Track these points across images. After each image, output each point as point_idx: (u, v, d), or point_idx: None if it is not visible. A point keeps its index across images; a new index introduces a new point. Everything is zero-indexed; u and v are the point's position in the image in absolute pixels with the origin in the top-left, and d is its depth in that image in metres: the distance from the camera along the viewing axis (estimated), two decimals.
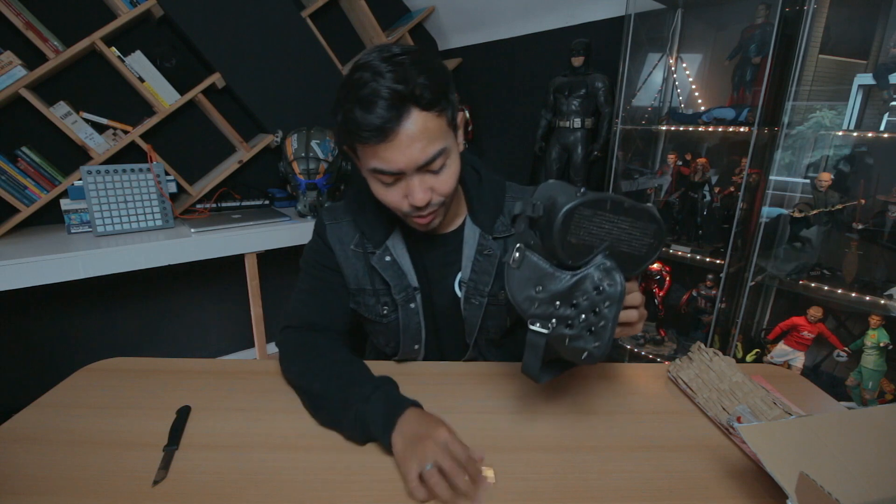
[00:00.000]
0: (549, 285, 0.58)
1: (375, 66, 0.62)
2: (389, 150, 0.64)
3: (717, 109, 1.57)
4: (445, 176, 0.69)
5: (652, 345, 1.87)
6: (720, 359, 0.78)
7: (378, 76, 0.62)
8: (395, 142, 0.63)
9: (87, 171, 1.63)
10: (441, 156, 0.67)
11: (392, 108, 0.61)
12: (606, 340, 0.57)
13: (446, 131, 0.67)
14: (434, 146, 0.65)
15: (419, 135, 0.64)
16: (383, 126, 0.62)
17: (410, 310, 0.83)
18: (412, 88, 0.61)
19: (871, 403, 1.35)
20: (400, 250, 0.82)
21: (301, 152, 1.87)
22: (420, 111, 0.63)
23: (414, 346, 0.87)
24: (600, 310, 0.57)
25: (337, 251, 0.83)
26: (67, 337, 1.98)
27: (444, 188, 0.70)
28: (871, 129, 1.33)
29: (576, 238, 0.56)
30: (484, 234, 0.82)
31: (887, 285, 1.33)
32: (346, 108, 0.64)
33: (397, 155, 0.64)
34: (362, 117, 0.62)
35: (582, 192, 0.55)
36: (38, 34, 1.63)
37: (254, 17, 1.94)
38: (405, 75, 0.61)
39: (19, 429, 0.67)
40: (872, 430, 0.55)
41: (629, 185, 1.89)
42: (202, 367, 0.86)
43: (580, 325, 0.57)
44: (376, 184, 0.70)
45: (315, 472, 0.60)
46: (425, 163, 0.66)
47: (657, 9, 1.70)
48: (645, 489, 0.58)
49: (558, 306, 0.58)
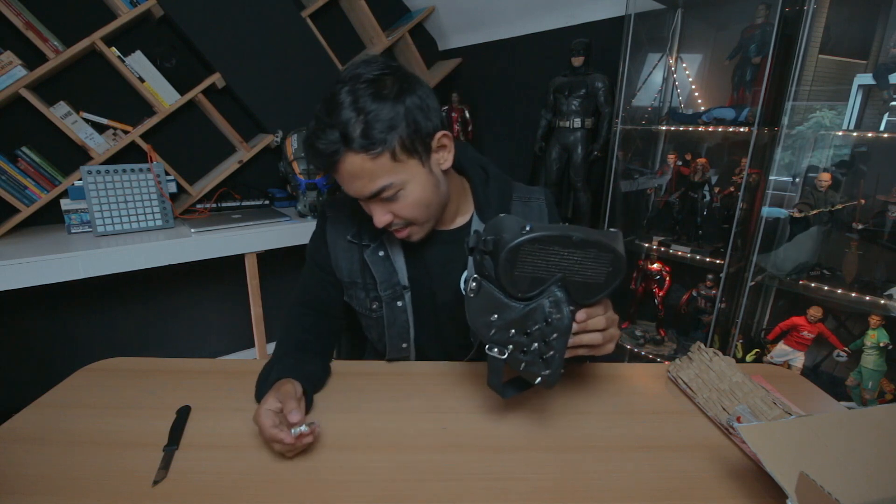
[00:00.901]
0: (503, 314, 0.61)
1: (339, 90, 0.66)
2: (341, 179, 0.70)
3: (717, 109, 1.57)
4: (403, 203, 0.72)
5: (652, 345, 1.87)
6: (720, 359, 0.78)
7: (331, 111, 0.66)
8: (339, 175, 0.69)
9: (87, 171, 1.63)
10: (387, 189, 0.69)
11: (328, 150, 0.66)
12: (555, 370, 0.60)
13: (392, 167, 0.68)
14: (375, 184, 0.68)
15: (357, 173, 0.68)
16: (324, 162, 0.68)
17: (397, 308, 0.83)
18: (350, 130, 0.65)
19: (871, 403, 1.35)
20: (395, 247, 0.82)
21: (301, 152, 1.87)
22: (354, 154, 0.66)
23: (402, 345, 0.87)
24: (549, 340, 0.60)
25: (332, 245, 0.85)
26: (67, 337, 1.98)
27: (405, 213, 0.73)
28: (871, 129, 1.33)
29: (522, 272, 0.59)
30: None
31: (887, 285, 1.33)
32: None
33: (347, 186, 0.71)
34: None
35: (527, 230, 0.57)
36: (38, 34, 1.63)
37: (254, 17, 1.94)
38: (346, 117, 0.65)
39: (19, 429, 0.67)
40: (872, 430, 0.55)
41: (629, 185, 1.89)
42: (202, 367, 0.86)
43: (532, 353, 0.61)
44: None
45: (315, 472, 0.60)
46: (370, 195, 0.70)
47: (657, 9, 1.70)
48: (645, 489, 0.58)
49: (513, 334, 0.61)
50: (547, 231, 0.57)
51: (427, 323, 0.86)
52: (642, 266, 1.92)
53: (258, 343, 1.98)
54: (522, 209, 0.86)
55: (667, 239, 1.80)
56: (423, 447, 0.65)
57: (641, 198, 1.94)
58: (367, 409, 0.73)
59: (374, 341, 0.91)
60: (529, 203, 0.87)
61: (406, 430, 0.68)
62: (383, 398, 0.76)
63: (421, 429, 0.68)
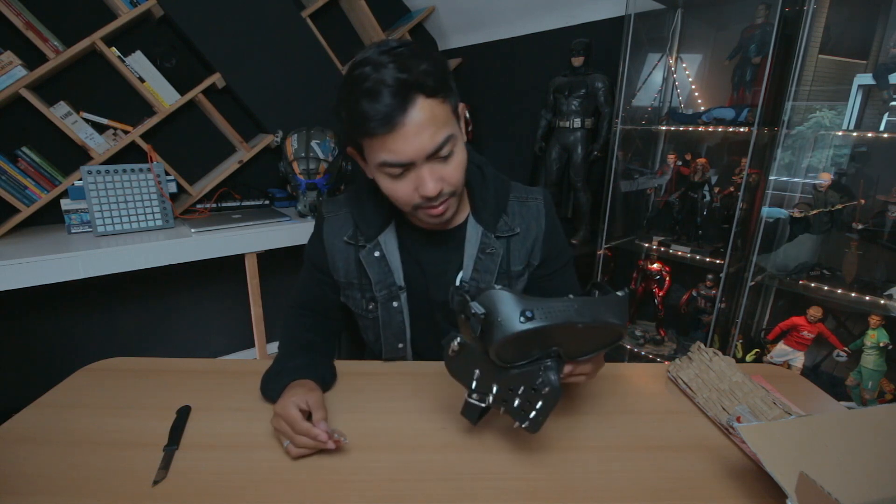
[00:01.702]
0: (487, 374, 0.59)
1: (375, 59, 0.63)
2: (398, 141, 0.63)
3: (717, 109, 1.57)
4: (454, 164, 0.69)
5: (652, 345, 1.87)
6: (720, 359, 0.78)
7: (380, 67, 0.62)
8: (403, 131, 0.63)
9: (87, 171, 1.63)
10: (449, 142, 0.67)
11: (398, 96, 0.61)
12: (537, 426, 0.58)
13: (451, 118, 0.68)
14: (442, 133, 0.65)
15: (426, 122, 0.63)
16: (390, 114, 0.61)
17: (393, 308, 0.83)
18: (416, 76, 0.62)
19: (870, 403, 1.35)
20: (391, 248, 0.82)
21: (301, 152, 1.87)
22: (425, 98, 0.63)
23: (398, 345, 0.87)
24: (533, 402, 0.57)
25: (329, 246, 0.84)
26: (67, 337, 1.98)
27: (454, 177, 0.70)
28: (870, 129, 1.33)
29: (514, 351, 0.56)
30: (487, 232, 0.81)
31: (887, 285, 1.33)
32: (351, 103, 0.64)
33: (406, 144, 0.64)
34: (370, 107, 0.62)
35: (528, 317, 0.52)
36: (38, 34, 1.63)
37: (254, 17, 1.94)
38: (407, 64, 0.62)
39: (19, 429, 0.67)
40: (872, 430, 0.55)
41: (629, 185, 1.89)
42: (202, 367, 0.86)
43: (514, 408, 0.59)
44: (385, 179, 0.70)
45: (315, 472, 0.60)
46: (434, 150, 0.65)
47: (657, 9, 1.70)
48: (645, 489, 0.58)
49: (496, 390, 0.59)
50: (549, 321, 0.52)
51: (423, 323, 0.86)
52: (642, 266, 1.92)
53: (258, 343, 1.98)
54: (520, 209, 0.85)
55: (667, 239, 1.80)
56: (422, 447, 0.65)
57: (641, 198, 1.94)
58: (367, 409, 0.73)
59: (371, 342, 0.91)
60: (527, 203, 0.85)
61: (405, 430, 0.68)
62: (383, 398, 0.76)
63: (420, 429, 0.68)
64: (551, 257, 0.87)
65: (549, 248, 0.86)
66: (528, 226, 0.84)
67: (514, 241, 0.83)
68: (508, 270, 0.83)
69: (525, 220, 0.84)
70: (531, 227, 0.84)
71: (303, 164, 1.87)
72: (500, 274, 0.83)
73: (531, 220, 0.84)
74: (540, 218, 0.85)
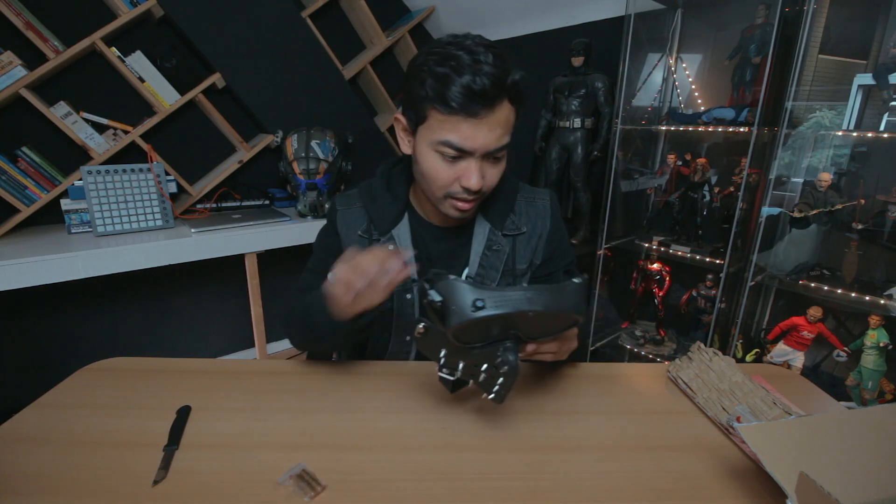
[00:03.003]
0: (452, 353, 0.63)
1: (472, 46, 0.65)
2: (472, 128, 0.66)
3: (717, 109, 1.57)
4: (499, 169, 0.73)
5: (652, 345, 1.87)
6: (720, 359, 0.78)
7: (480, 54, 0.64)
8: (482, 122, 0.66)
9: (87, 171, 1.63)
10: (505, 149, 0.71)
11: (495, 88, 0.64)
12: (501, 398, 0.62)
13: (512, 129, 0.71)
14: (506, 138, 0.70)
15: (502, 123, 0.68)
16: (482, 101, 0.64)
17: (406, 300, 0.85)
18: (513, 80, 0.65)
19: (870, 403, 1.35)
20: (405, 241, 0.84)
21: (301, 152, 1.87)
22: (510, 103, 0.67)
23: (405, 338, 0.88)
24: (496, 377, 0.61)
25: (343, 236, 0.87)
26: (67, 337, 1.98)
27: (494, 180, 0.74)
28: (870, 129, 1.33)
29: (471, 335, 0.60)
30: (494, 229, 0.84)
31: (887, 285, 1.33)
32: (443, 71, 0.64)
33: (478, 135, 0.66)
34: (467, 83, 0.63)
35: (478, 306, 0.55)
36: (38, 34, 1.63)
37: (254, 17, 1.94)
38: (506, 65, 0.65)
39: (19, 429, 0.67)
40: (872, 430, 0.55)
41: (629, 185, 1.89)
42: (202, 367, 0.86)
43: (481, 381, 0.63)
44: (435, 158, 0.71)
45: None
46: (495, 150, 0.69)
47: (657, 9, 1.70)
48: (645, 489, 0.58)
49: (462, 366, 0.64)
50: (499, 310, 0.55)
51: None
52: (642, 266, 1.92)
53: (258, 343, 1.98)
54: (527, 209, 0.88)
55: (667, 239, 1.80)
56: (422, 447, 0.65)
57: (641, 198, 1.94)
58: (367, 408, 0.73)
59: (375, 337, 0.92)
60: (534, 203, 0.88)
61: (405, 430, 0.68)
62: (383, 398, 0.76)
63: (420, 429, 0.68)
64: (553, 257, 0.89)
65: (551, 248, 0.89)
66: (534, 225, 0.87)
67: (520, 239, 0.86)
68: (514, 268, 0.86)
69: (531, 219, 0.87)
70: (537, 226, 0.87)
71: (303, 164, 1.87)
72: (505, 271, 0.85)
73: (537, 220, 0.87)
74: (546, 218, 0.88)
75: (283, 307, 0.90)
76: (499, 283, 0.84)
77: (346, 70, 2.25)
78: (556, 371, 0.84)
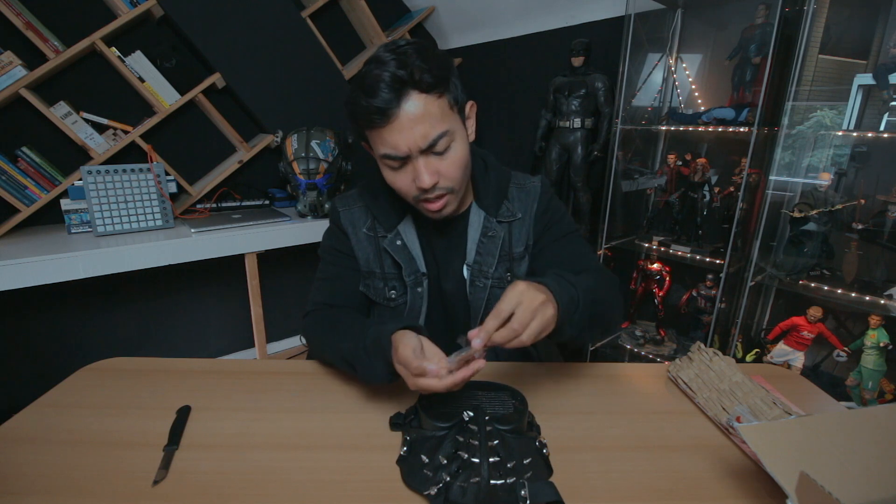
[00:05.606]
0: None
1: (380, 56, 0.67)
2: (393, 133, 0.67)
3: (717, 109, 1.57)
4: (451, 159, 0.72)
5: (652, 345, 1.87)
6: (720, 359, 0.78)
7: (382, 65, 0.66)
8: (397, 124, 0.67)
9: (87, 171, 1.63)
10: (444, 138, 0.69)
11: (392, 91, 0.65)
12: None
13: (449, 114, 0.70)
14: (436, 129, 0.68)
15: (420, 117, 0.67)
16: (385, 108, 0.66)
17: (417, 293, 0.86)
18: (411, 72, 0.65)
19: (871, 403, 1.35)
20: (411, 236, 0.85)
21: (301, 152, 1.87)
22: (419, 93, 0.67)
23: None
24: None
25: (350, 234, 0.87)
26: (67, 337, 1.98)
27: (451, 172, 0.72)
28: (871, 129, 1.33)
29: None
30: (488, 216, 0.85)
31: (887, 285, 1.33)
32: (355, 98, 0.69)
33: (400, 137, 0.68)
34: (367, 102, 0.66)
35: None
36: (38, 34, 1.63)
37: (254, 17, 1.94)
38: (406, 61, 0.65)
39: (19, 429, 0.67)
40: (872, 430, 0.55)
41: (629, 185, 1.89)
42: (202, 367, 0.86)
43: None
44: (387, 170, 0.74)
45: (315, 472, 0.60)
46: (427, 145, 0.69)
47: (657, 9, 1.70)
48: (645, 489, 0.58)
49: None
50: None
51: (436, 310, 0.89)
52: (642, 266, 1.92)
53: (258, 343, 1.98)
54: (518, 194, 0.89)
55: (667, 239, 1.80)
56: None
57: (641, 198, 1.94)
58: (367, 408, 0.73)
59: None
60: (525, 188, 0.90)
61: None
62: (385, 398, 0.76)
63: None
64: (550, 227, 0.89)
65: (544, 223, 0.89)
66: (526, 209, 0.88)
67: (516, 224, 0.87)
68: (510, 253, 0.87)
69: (524, 204, 0.88)
70: (529, 209, 0.88)
71: (303, 164, 1.86)
72: (502, 256, 0.86)
73: (529, 203, 0.88)
74: (535, 200, 0.89)
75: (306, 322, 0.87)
76: (496, 270, 0.85)
77: (346, 70, 2.25)
78: (557, 371, 0.84)
